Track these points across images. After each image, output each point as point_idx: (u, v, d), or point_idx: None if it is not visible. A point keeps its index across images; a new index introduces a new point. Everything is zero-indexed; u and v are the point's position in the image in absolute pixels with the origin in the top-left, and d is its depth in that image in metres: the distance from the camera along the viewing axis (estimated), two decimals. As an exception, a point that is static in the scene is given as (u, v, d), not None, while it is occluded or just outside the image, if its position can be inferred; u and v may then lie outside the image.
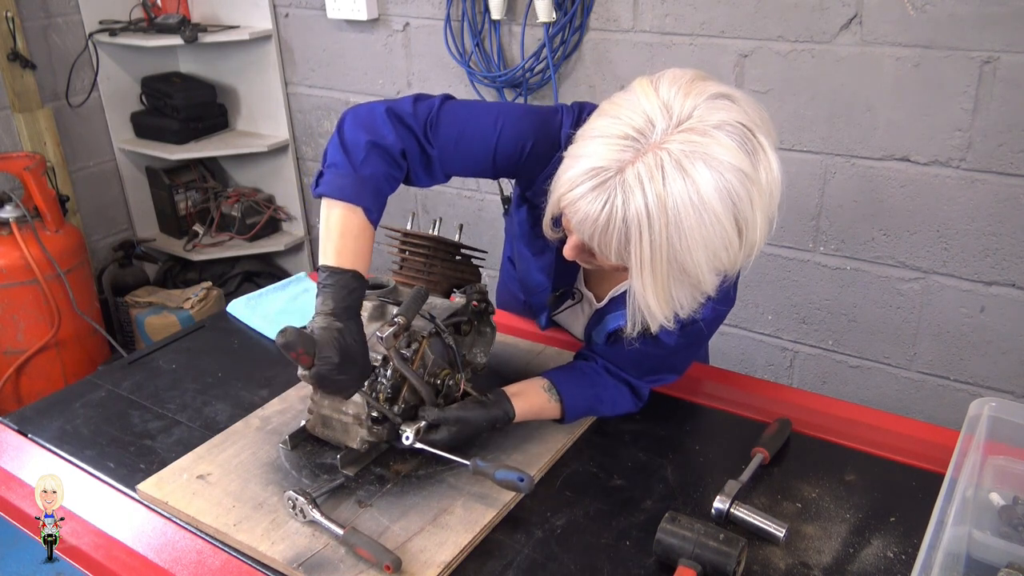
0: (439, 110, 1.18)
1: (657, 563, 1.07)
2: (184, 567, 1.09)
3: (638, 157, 0.94)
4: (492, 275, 1.83)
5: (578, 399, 1.32)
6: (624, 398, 1.35)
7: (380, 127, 1.14)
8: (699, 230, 0.94)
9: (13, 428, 1.38)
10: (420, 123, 1.17)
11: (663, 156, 0.93)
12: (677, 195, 0.93)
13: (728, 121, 0.95)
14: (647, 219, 0.94)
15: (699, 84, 0.99)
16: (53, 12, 2.95)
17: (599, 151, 0.96)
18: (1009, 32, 1.79)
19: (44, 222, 2.73)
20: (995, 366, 2.06)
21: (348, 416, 1.20)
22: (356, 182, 1.12)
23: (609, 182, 0.95)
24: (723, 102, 0.97)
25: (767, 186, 0.97)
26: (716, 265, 0.99)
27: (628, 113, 0.97)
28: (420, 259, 1.41)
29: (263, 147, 3.13)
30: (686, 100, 0.96)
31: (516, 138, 1.18)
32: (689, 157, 0.93)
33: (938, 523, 0.96)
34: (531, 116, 1.20)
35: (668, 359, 1.34)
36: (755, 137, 0.96)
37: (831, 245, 2.18)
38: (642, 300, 1.01)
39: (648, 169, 0.93)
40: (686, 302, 1.03)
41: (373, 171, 1.12)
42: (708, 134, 0.94)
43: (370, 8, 2.70)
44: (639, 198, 0.93)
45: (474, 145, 1.18)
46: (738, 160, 0.94)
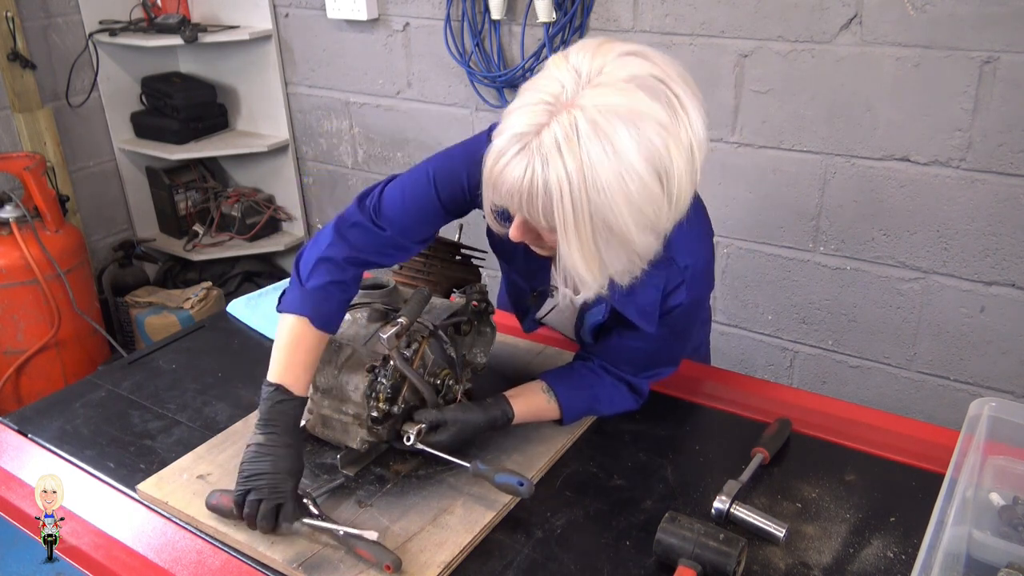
0: (380, 196, 1.24)
1: (657, 563, 1.07)
2: (184, 567, 1.09)
3: (552, 118, 0.94)
4: (492, 275, 1.83)
5: (575, 400, 1.32)
6: (623, 396, 1.35)
7: (323, 242, 1.23)
8: (619, 186, 0.93)
9: (13, 428, 1.38)
10: (366, 217, 1.23)
11: (576, 114, 0.93)
12: (592, 152, 0.92)
13: (639, 74, 0.95)
14: (566, 179, 0.93)
15: (607, 45, 0.99)
16: (53, 12, 2.95)
17: (517, 120, 0.96)
18: (1009, 32, 1.79)
19: (44, 222, 2.73)
20: (995, 366, 2.06)
21: (348, 416, 1.20)
22: (300, 295, 1.19)
23: (528, 147, 0.95)
24: (633, 59, 0.96)
25: (687, 136, 0.96)
26: (642, 221, 0.97)
27: (542, 83, 0.97)
28: (420, 259, 1.41)
29: (263, 147, 3.13)
30: (594, 60, 0.96)
31: (450, 177, 1.21)
32: (602, 112, 0.92)
33: (938, 523, 0.95)
34: (458, 151, 1.23)
35: (658, 352, 1.33)
36: (669, 88, 0.95)
37: (831, 245, 2.18)
38: (569, 262, 0.99)
39: (563, 128, 0.93)
40: (618, 264, 1.01)
41: (317, 282, 1.19)
42: (619, 88, 0.93)
43: (370, 8, 2.70)
44: (556, 159, 0.93)
45: (419, 205, 1.22)
46: (652, 111, 0.93)
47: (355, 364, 1.20)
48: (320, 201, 3.27)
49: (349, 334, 1.25)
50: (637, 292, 1.16)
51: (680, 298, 1.21)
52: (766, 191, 2.21)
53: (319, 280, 1.19)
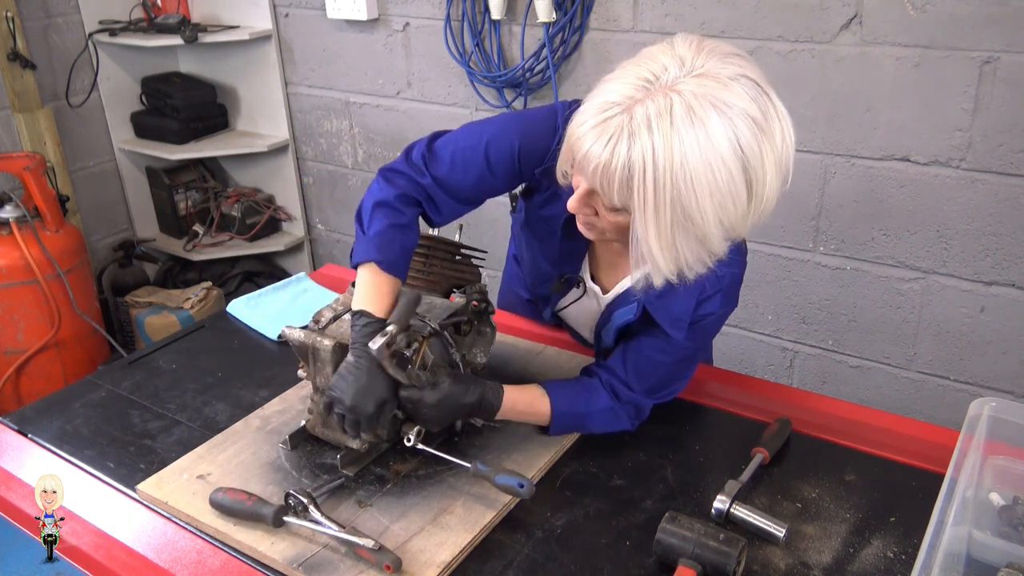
0: (430, 144, 1.26)
1: (657, 563, 1.07)
2: (184, 567, 1.09)
3: (648, 96, 0.94)
4: (492, 275, 1.83)
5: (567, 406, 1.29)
6: (619, 419, 1.31)
7: (377, 188, 1.26)
8: (705, 175, 0.92)
9: (13, 428, 1.38)
10: (415, 163, 1.25)
11: (674, 97, 0.92)
12: (685, 136, 0.91)
13: (743, 75, 0.95)
14: (652, 159, 0.92)
15: (713, 43, 0.99)
16: (53, 12, 2.95)
17: (613, 88, 0.96)
18: (1009, 32, 1.79)
19: (44, 222, 2.73)
20: (995, 366, 2.06)
21: (348, 416, 1.20)
22: (364, 243, 1.22)
23: (616, 118, 0.94)
24: (738, 59, 0.97)
25: (780, 144, 0.96)
26: (723, 217, 0.96)
27: (645, 62, 0.98)
28: (420, 259, 1.41)
29: (263, 147, 3.13)
30: (699, 55, 0.96)
31: (503, 141, 1.21)
32: (700, 100, 0.92)
33: (938, 523, 0.96)
34: (517, 119, 1.25)
35: (676, 366, 1.31)
36: (768, 95, 0.96)
37: (831, 245, 2.18)
38: (645, 246, 0.98)
39: (657, 108, 0.92)
40: (691, 256, 0.99)
41: (378, 228, 1.22)
42: (722, 82, 0.93)
43: (370, 8, 2.70)
44: (644, 137, 0.92)
45: (467, 160, 1.23)
46: (751, 110, 0.93)
47: (355, 364, 1.20)
48: (320, 201, 3.27)
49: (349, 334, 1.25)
50: (671, 299, 1.16)
51: (713, 307, 1.21)
52: (766, 191, 2.21)
53: (379, 225, 1.21)
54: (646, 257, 0.99)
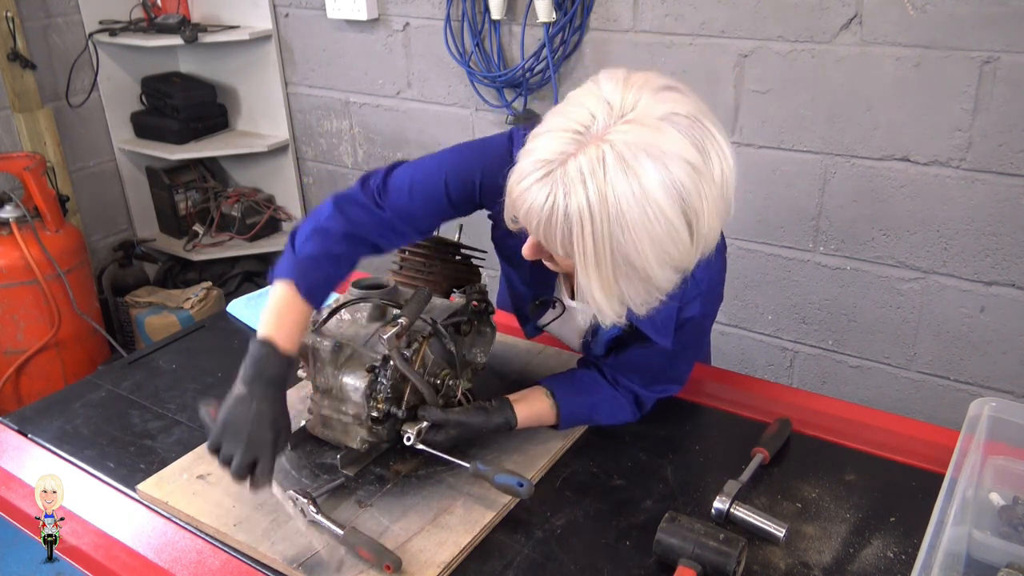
0: (385, 177, 1.24)
1: (657, 563, 1.07)
2: (184, 567, 1.09)
3: (580, 149, 0.93)
4: (492, 275, 1.83)
5: (574, 406, 1.31)
6: (623, 407, 1.34)
7: (322, 215, 1.22)
8: (643, 224, 0.92)
9: (13, 428, 1.38)
10: (369, 194, 1.23)
11: (605, 148, 0.92)
12: (619, 188, 0.91)
13: (675, 111, 0.94)
14: (588, 212, 0.92)
15: (641, 77, 0.98)
16: (53, 12, 2.95)
17: (545, 144, 0.96)
18: (1009, 32, 1.79)
19: (44, 222, 2.73)
20: (995, 366, 2.06)
21: (348, 416, 1.20)
22: (292, 263, 1.19)
23: (552, 174, 0.94)
24: (669, 93, 0.96)
25: (719, 177, 0.95)
26: (665, 259, 0.96)
27: (573, 109, 0.97)
28: (420, 259, 1.41)
29: (263, 147, 3.13)
30: (628, 92, 0.95)
31: (463, 175, 1.20)
32: (631, 148, 0.91)
33: (938, 523, 0.95)
34: (475, 150, 1.23)
35: (669, 366, 1.33)
36: (705, 126, 0.95)
37: (831, 245, 2.18)
38: (589, 296, 0.99)
39: (589, 161, 0.92)
40: (637, 298, 1.00)
41: (310, 251, 1.19)
42: (653, 126, 0.93)
43: (370, 8, 2.70)
44: (580, 191, 0.92)
45: (426, 192, 1.22)
46: (685, 152, 0.92)
47: (355, 364, 1.20)
48: (320, 201, 3.26)
49: (349, 334, 1.25)
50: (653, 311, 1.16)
51: (694, 311, 1.21)
52: (766, 191, 2.21)
53: (311, 250, 1.19)
54: (590, 303, 1.01)
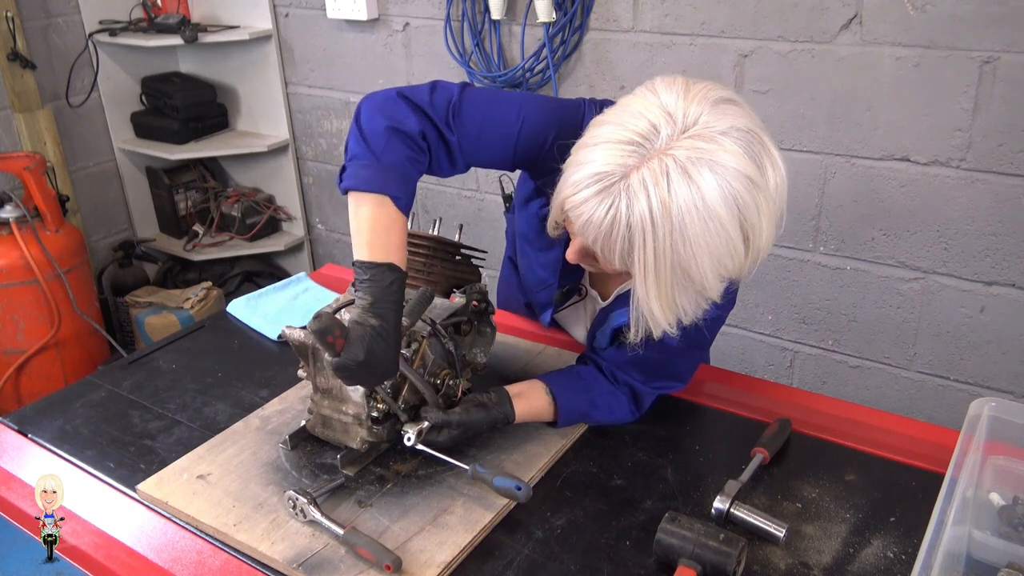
0: (460, 97, 1.15)
1: (657, 563, 1.07)
2: (184, 567, 1.09)
3: (643, 163, 0.94)
4: (492, 275, 1.83)
5: (572, 403, 1.31)
6: (622, 406, 1.34)
7: (398, 112, 1.11)
8: (704, 237, 0.94)
9: (13, 428, 1.38)
10: (440, 111, 1.13)
11: (668, 162, 0.93)
12: (682, 201, 0.93)
13: (735, 127, 0.95)
14: (651, 225, 0.93)
15: (701, 87, 0.99)
16: (53, 12, 2.95)
17: (603, 156, 0.96)
18: (1009, 32, 1.79)
19: (44, 222, 2.73)
20: (995, 366, 2.06)
21: (348, 416, 1.20)
22: (380, 171, 1.07)
23: (614, 187, 0.95)
24: (728, 107, 0.97)
25: (774, 191, 0.97)
26: (721, 272, 0.98)
27: (632, 120, 0.97)
28: (420, 259, 1.41)
29: (263, 147, 3.13)
30: (690, 106, 0.96)
31: (539, 129, 1.16)
32: (695, 163, 0.93)
33: (938, 523, 0.95)
34: (554, 108, 1.19)
35: (671, 364, 1.33)
36: (762, 141, 0.97)
37: (831, 245, 2.18)
38: (646, 307, 1.00)
39: (653, 175, 0.93)
40: (690, 308, 1.02)
41: (396, 157, 1.08)
42: (714, 140, 0.94)
43: (370, 8, 2.70)
44: (643, 203, 0.93)
45: (497, 133, 1.16)
46: (744, 167, 0.94)
47: (355, 364, 1.20)
48: (320, 201, 3.27)
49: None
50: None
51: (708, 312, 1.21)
52: (766, 191, 2.21)
53: (398, 155, 1.08)
54: (646, 315, 1.02)
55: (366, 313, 1.05)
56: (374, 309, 1.05)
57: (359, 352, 1.02)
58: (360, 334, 1.03)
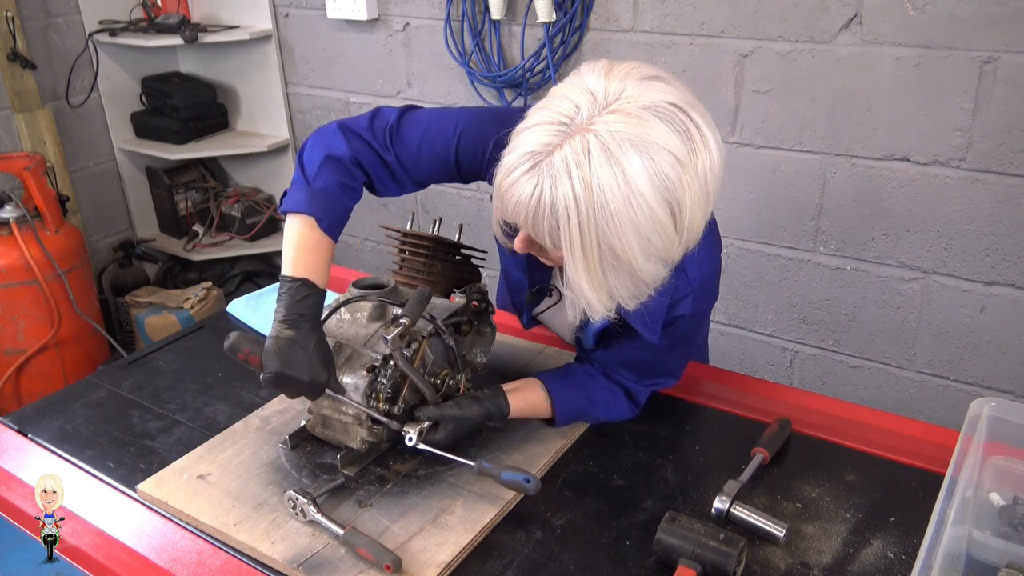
0: (399, 119, 1.22)
1: (657, 563, 1.07)
2: (184, 567, 1.09)
3: (565, 140, 0.94)
4: (492, 275, 1.84)
5: (568, 401, 1.31)
6: (619, 402, 1.34)
7: (333, 141, 1.19)
8: (627, 214, 0.93)
9: (13, 428, 1.38)
10: (379, 135, 1.21)
11: (590, 138, 0.93)
12: (603, 177, 0.92)
13: (661, 101, 0.94)
14: (574, 202, 0.93)
15: (625, 66, 0.99)
16: (53, 12, 2.95)
17: (531, 138, 0.97)
18: (1009, 32, 1.79)
19: (44, 222, 2.73)
20: (995, 366, 2.06)
21: (348, 416, 1.20)
22: (308, 194, 1.15)
23: (538, 166, 0.95)
24: (654, 83, 0.96)
25: (703, 168, 0.96)
26: (650, 251, 0.97)
27: (557, 103, 0.97)
28: (420, 259, 1.41)
29: (263, 147, 3.13)
30: (611, 82, 0.96)
31: (476, 140, 1.19)
32: (616, 139, 0.92)
33: (938, 523, 0.95)
34: (491, 118, 1.20)
35: (658, 362, 1.32)
36: (690, 117, 0.95)
37: (831, 245, 2.18)
38: (577, 287, 1.00)
39: (575, 152, 0.93)
40: (624, 291, 1.01)
41: (325, 183, 1.16)
42: (637, 115, 0.93)
43: (370, 8, 2.70)
44: (565, 181, 0.93)
45: (435, 147, 1.21)
46: (668, 142, 0.93)
47: (355, 364, 1.20)
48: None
49: (349, 334, 1.25)
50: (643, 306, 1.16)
51: (685, 309, 1.20)
52: (766, 191, 2.22)
53: (326, 181, 1.15)
54: (579, 296, 1.01)
55: (280, 325, 1.11)
56: (287, 321, 1.11)
57: (273, 364, 1.08)
58: (272, 346, 1.09)
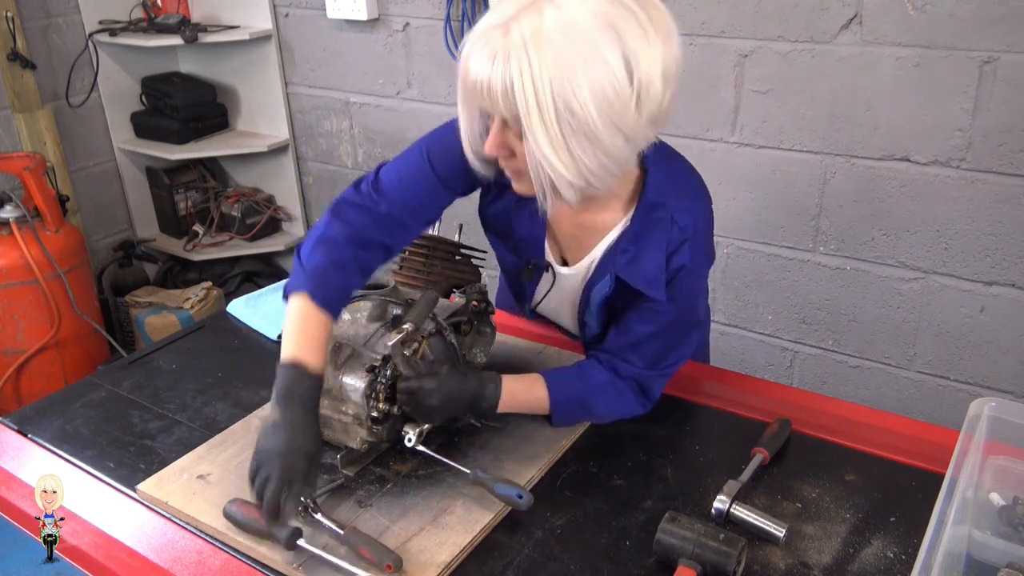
0: (376, 174, 1.27)
1: (657, 563, 1.07)
2: (184, 567, 1.09)
3: (520, 12, 0.99)
4: (492, 275, 1.84)
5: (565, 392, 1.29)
6: (624, 398, 1.31)
7: (323, 226, 1.24)
8: (577, 60, 0.97)
9: (13, 428, 1.38)
10: (364, 195, 1.25)
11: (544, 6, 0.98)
12: (549, 24, 0.96)
13: None
14: (527, 63, 0.97)
15: None
16: (53, 12, 2.95)
17: (486, 18, 1.02)
18: (1009, 32, 1.79)
19: (44, 222, 2.73)
20: (995, 366, 2.06)
21: (348, 416, 1.20)
22: (302, 276, 1.20)
23: (493, 36, 1.00)
24: None
25: (655, 18, 1.00)
26: (607, 109, 0.99)
27: None
28: (420, 259, 1.41)
29: (263, 147, 3.13)
30: None
31: (445, 148, 1.22)
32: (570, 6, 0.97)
33: (938, 523, 0.95)
34: (452, 123, 1.21)
35: (668, 337, 1.29)
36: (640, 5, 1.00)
37: (831, 245, 2.18)
38: (540, 154, 1.01)
39: (529, 20, 0.98)
40: (589, 161, 1.02)
41: (317, 262, 1.20)
42: None
43: (370, 8, 2.70)
44: (520, 49, 0.97)
45: (414, 175, 1.25)
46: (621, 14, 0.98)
47: (355, 364, 1.20)
48: (320, 201, 3.27)
49: (349, 334, 1.25)
50: (641, 260, 1.19)
51: (683, 259, 1.21)
52: (766, 191, 2.22)
53: (318, 260, 1.20)
54: (547, 169, 1.03)
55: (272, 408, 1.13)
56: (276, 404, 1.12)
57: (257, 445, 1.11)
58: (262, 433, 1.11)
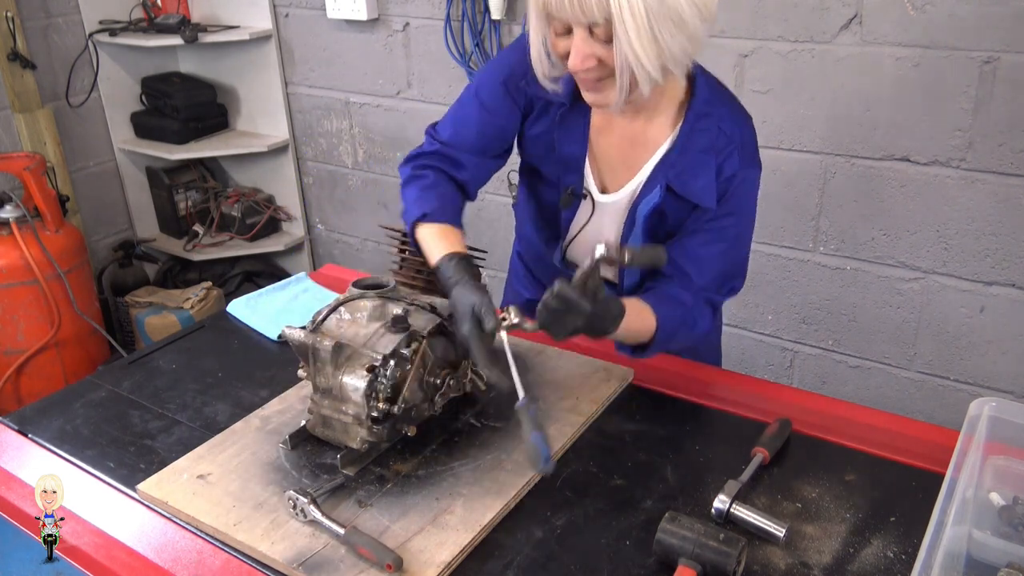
0: (433, 127, 1.41)
1: (657, 563, 1.07)
2: (184, 567, 1.09)
3: None
4: (492, 275, 1.84)
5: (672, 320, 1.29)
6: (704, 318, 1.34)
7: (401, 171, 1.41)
8: None
9: (13, 428, 1.38)
10: (426, 142, 1.40)
11: None
12: None
13: None
14: None
15: None
16: (53, 12, 2.95)
17: None
18: (1009, 32, 1.79)
19: (44, 222, 2.73)
20: (995, 366, 2.06)
21: (348, 416, 1.20)
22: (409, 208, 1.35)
23: None
24: None
25: None
26: None
27: None
28: (420, 259, 1.41)
29: (263, 147, 3.13)
30: None
31: (490, 83, 1.33)
32: None
33: (938, 523, 0.95)
34: (494, 61, 1.37)
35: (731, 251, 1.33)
36: None
37: (831, 245, 2.18)
38: (628, 49, 1.05)
39: None
40: (673, 45, 1.07)
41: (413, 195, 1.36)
42: None
43: (370, 8, 2.71)
44: None
45: (464, 111, 1.37)
46: None
47: (355, 364, 1.20)
48: (320, 201, 3.27)
49: (349, 334, 1.25)
50: (692, 168, 1.24)
51: (734, 166, 1.25)
52: (766, 191, 2.20)
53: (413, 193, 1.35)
54: (631, 63, 1.07)
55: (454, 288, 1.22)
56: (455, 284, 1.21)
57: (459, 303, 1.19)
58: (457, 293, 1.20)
